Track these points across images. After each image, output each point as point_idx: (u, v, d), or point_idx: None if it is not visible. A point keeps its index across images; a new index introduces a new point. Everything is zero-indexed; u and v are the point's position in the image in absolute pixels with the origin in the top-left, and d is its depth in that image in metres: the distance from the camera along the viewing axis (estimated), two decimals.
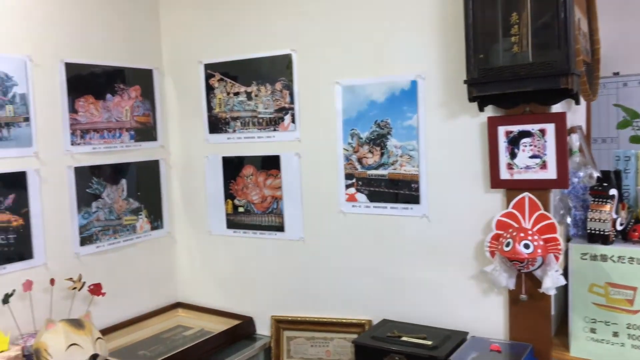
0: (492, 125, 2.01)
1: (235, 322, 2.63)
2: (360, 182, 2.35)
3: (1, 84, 2.17)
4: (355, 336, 2.29)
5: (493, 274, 1.99)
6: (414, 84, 2.20)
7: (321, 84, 2.41)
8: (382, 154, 2.29)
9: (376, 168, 2.31)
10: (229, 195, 2.72)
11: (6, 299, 2.09)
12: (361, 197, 2.36)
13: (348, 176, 2.38)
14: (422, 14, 2.16)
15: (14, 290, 2.12)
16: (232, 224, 2.72)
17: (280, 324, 2.57)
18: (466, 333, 2.13)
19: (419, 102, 2.19)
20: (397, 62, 2.23)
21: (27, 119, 2.26)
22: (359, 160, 2.35)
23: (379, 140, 2.30)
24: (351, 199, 2.38)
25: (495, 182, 2.03)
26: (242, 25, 2.60)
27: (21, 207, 2.24)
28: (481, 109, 2.01)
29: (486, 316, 2.12)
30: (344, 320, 2.42)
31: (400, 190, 2.26)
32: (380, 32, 2.25)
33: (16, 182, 2.22)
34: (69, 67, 2.41)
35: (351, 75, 2.33)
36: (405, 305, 2.29)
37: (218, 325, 2.64)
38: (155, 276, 2.81)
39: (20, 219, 2.24)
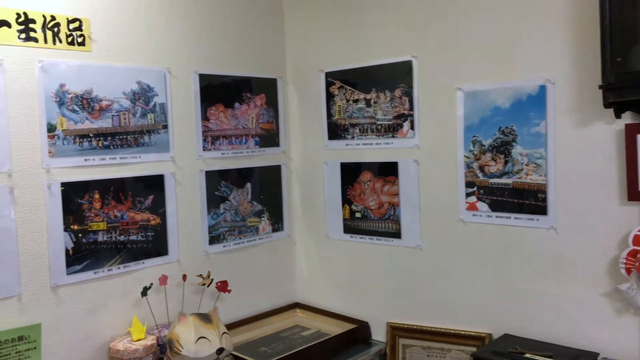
0: (631, 133, 1.88)
1: (352, 325, 2.67)
2: (481, 191, 2.29)
3: (144, 94, 2.38)
4: (474, 349, 2.23)
5: (629, 292, 1.86)
6: (542, 88, 2.10)
7: (442, 89, 2.37)
8: (506, 162, 2.21)
9: (499, 176, 2.24)
10: (346, 200, 2.76)
11: (144, 291, 2.27)
12: (482, 206, 2.29)
13: (469, 184, 2.32)
14: (551, 14, 2.06)
15: (151, 284, 2.31)
16: (349, 229, 2.76)
17: (396, 330, 2.56)
18: (596, 354, 2.00)
19: (548, 108, 2.09)
20: (523, 66, 2.15)
21: (165, 127, 2.45)
22: (481, 168, 2.28)
23: (502, 148, 2.22)
24: (472, 207, 2.32)
25: (633, 194, 1.90)
26: (362, 34, 2.64)
27: (159, 207, 2.44)
28: (618, 116, 1.88)
29: (619, 337, 1.98)
30: (463, 332, 2.36)
31: (526, 200, 2.17)
32: (506, 35, 2.18)
33: (155, 184, 2.43)
34: (202, 77, 2.59)
35: (474, 80, 2.28)
36: (528, 321, 2.20)
37: (334, 328, 2.70)
38: (275, 276, 2.93)
39: (157, 218, 2.44)
